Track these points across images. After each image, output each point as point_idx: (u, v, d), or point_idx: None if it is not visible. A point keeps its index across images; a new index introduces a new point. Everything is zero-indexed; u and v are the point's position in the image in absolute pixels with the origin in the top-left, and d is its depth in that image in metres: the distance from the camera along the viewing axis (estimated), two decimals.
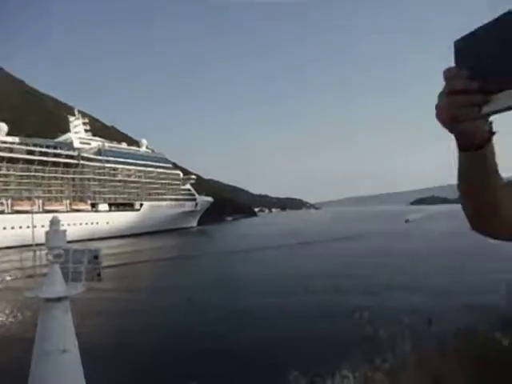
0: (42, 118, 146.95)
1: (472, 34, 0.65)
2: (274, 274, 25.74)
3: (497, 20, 0.61)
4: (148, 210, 78.05)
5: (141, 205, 78.21)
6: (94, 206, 69.00)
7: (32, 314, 13.89)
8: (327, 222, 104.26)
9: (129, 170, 77.96)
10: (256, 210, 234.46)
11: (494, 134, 0.73)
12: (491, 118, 0.69)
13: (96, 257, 5.39)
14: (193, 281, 25.54)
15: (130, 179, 77.98)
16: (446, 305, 14.18)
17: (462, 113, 0.66)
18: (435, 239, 46.29)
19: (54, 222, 5.11)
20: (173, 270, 31.43)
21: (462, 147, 0.75)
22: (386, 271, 24.92)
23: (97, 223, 66.68)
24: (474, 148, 0.74)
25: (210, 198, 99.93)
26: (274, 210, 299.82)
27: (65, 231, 5.10)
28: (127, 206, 75.58)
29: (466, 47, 0.65)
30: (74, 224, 58.80)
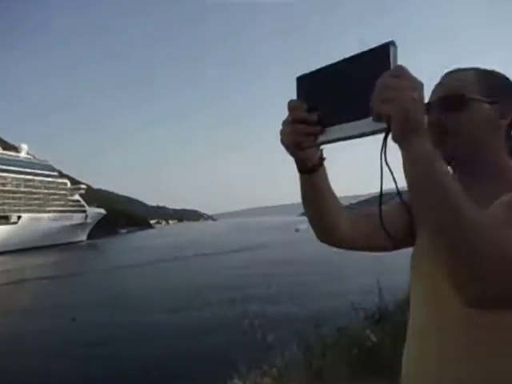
0: None
1: (313, 73, 0.74)
2: (167, 288, 24.98)
3: (337, 63, 0.70)
4: (27, 223, 69.95)
5: (18, 217, 70.00)
6: None
7: None
8: (223, 233, 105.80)
9: (4, 177, 69.37)
10: (152, 222, 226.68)
11: (324, 159, 0.89)
12: (322, 146, 0.82)
13: None
14: (78, 300, 23.40)
15: (5, 188, 69.50)
16: (331, 307, 15.44)
17: (302, 140, 0.75)
18: (321, 247, 50.00)
19: None
20: (55, 289, 28.48)
21: (300, 170, 0.88)
22: (277, 279, 25.97)
23: None
24: (309, 171, 0.88)
25: (102, 210, 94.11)
26: (171, 221, 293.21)
27: None
28: (1, 219, 66.78)
29: (307, 84, 0.75)
30: None
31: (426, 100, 0.69)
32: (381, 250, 1.04)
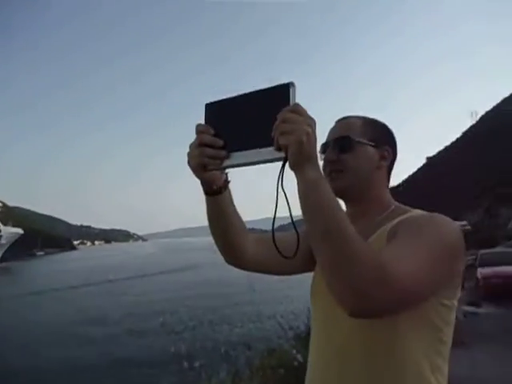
0: None
1: (222, 101, 0.82)
2: (81, 316, 22.66)
3: (246, 95, 0.79)
4: None
5: None
6: None
7: None
8: (153, 255, 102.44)
9: None
10: (76, 242, 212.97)
11: (228, 182, 0.95)
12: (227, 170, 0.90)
13: None
14: None
15: None
16: (262, 328, 15.39)
17: (208, 163, 0.80)
18: None
19: None
20: None
21: (205, 192, 0.94)
22: (207, 301, 25.55)
23: None
24: (214, 193, 0.93)
25: (19, 230, 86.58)
26: (97, 242, 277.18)
27: None
28: None
29: (215, 111, 0.82)
30: None
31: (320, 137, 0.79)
32: (282, 273, 1.12)
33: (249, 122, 0.77)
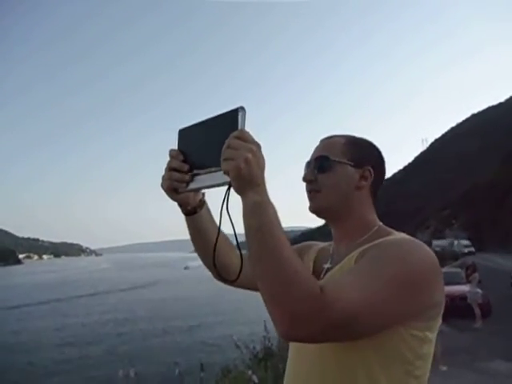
0: None
1: (190, 127, 0.88)
2: (21, 339, 20.66)
3: (205, 121, 0.84)
4: None
5: None
6: None
7: None
8: (106, 270, 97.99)
9: None
10: (21, 256, 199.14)
11: (203, 202, 1.01)
12: (205, 190, 0.96)
13: None
14: None
15: None
16: (218, 346, 15.13)
17: (177, 186, 0.87)
18: (211, 284, 49.36)
19: None
20: None
21: (182, 212, 1.00)
22: (162, 319, 24.77)
23: None
24: (189, 213, 1.00)
25: None
26: (45, 256, 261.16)
27: None
28: None
29: (186, 136, 0.88)
30: None
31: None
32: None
33: (207, 148, 0.82)
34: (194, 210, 1.00)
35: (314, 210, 0.99)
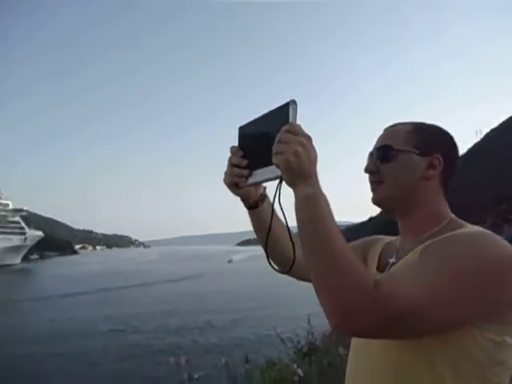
0: None
1: (248, 123, 0.92)
2: (80, 323, 22.53)
3: (261, 117, 0.87)
4: None
5: None
6: None
7: None
8: (155, 262, 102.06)
9: None
10: (77, 247, 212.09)
11: (265, 196, 1.05)
12: (265, 184, 1.01)
13: None
14: None
15: None
16: (261, 340, 15.31)
17: (237, 181, 0.92)
18: (253, 278, 49.89)
19: None
20: None
21: (245, 206, 1.04)
22: (208, 311, 25.38)
23: None
24: (251, 207, 1.04)
25: (40, 233, 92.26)
26: (98, 247, 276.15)
27: None
28: None
29: (244, 132, 0.93)
30: None
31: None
32: None
33: (262, 143, 0.84)
34: (255, 204, 1.04)
35: (377, 201, 0.97)
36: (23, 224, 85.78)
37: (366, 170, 0.97)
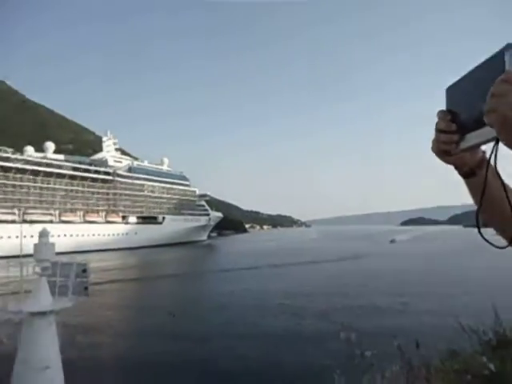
0: (35, 127, 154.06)
1: (455, 83, 0.80)
2: (262, 296, 25.00)
3: (471, 72, 0.75)
4: (169, 224, 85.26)
5: (163, 218, 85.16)
6: (124, 218, 76.65)
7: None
8: (318, 241, 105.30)
9: (153, 186, 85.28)
10: (247, 226, 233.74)
11: (483, 162, 0.87)
12: (484, 148, 0.83)
13: (84, 270, 5.09)
14: (181, 299, 25.49)
15: (154, 195, 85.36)
16: (433, 326, 14.21)
17: (446, 148, 0.82)
18: (419, 260, 46.24)
19: (43, 235, 4.85)
20: (173, 287, 31.11)
21: (460, 175, 0.92)
22: (373, 292, 24.89)
23: (126, 234, 74.49)
24: (467, 176, 0.90)
25: (220, 214, 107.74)
26: (265, 226, 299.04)
27: (53, 244, 4.91)
28: (152, 219, 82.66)
29: (453, 93, 0.81)
30: (108, 235, 69.97)
31: None
32: None
33: (474, 101, 0.72)
34: (472, 172, 0.90)
35: None
36: (207, 207, 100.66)
37: None
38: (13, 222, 55.46)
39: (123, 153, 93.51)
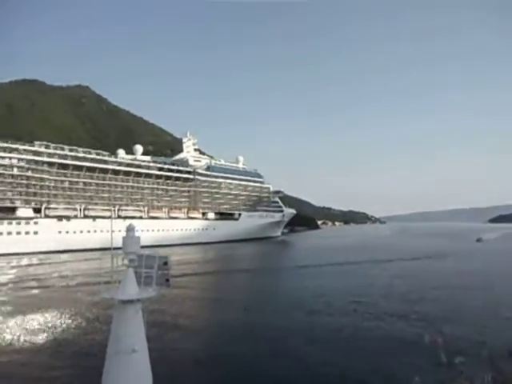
0: (121, 132, 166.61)
1: None
2: (335, 292, 24.79)
3: None
4: (245, 220, 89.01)
5: (239, 214, 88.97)
6: (204, 214, 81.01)
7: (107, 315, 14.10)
8: (395, 238, 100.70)
9: (230, 183, 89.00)
10: (319, 222, 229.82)
11: None
12: None
13: (165, 263, 5.32)
14: (256, 294, 25.83)
15: (231, 192, 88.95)
16: None
17: None
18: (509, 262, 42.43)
19: (130, 229, 5.17)
20: (246, 281, 31.67)
21: None
22: (459, 296, 23.51)
23: (206, 229, 78.82)
24: None
25: (293, 211, 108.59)
26: (337, 223, 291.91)
27: (139, 237, 5.28)
28: (229, 216, 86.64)
29: None
30: (189, 230, 74.61)
31: None
32: None
33: None
34: None
35: None
36: (281, 203, 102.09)
37: None
38: (109, 217, 61.19)
39: (200, 152, 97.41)
